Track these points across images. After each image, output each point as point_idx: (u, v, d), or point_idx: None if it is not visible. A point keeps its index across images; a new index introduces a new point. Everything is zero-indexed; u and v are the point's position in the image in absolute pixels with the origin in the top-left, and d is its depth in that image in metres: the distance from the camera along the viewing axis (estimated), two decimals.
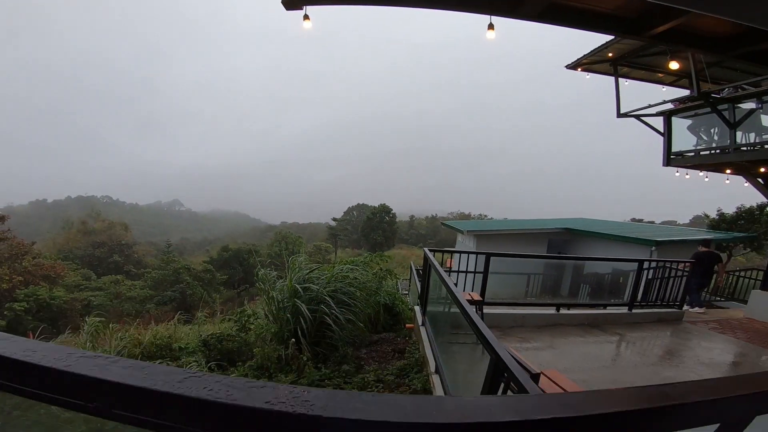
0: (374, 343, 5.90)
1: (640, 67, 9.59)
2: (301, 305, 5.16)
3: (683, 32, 3.17)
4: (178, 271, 31.11)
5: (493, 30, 3.05)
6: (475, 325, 2.36)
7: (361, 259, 7.66)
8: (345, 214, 75.56)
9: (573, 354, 5.32)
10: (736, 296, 12.88)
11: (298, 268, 5.99)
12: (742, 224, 19.20)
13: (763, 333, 6.69)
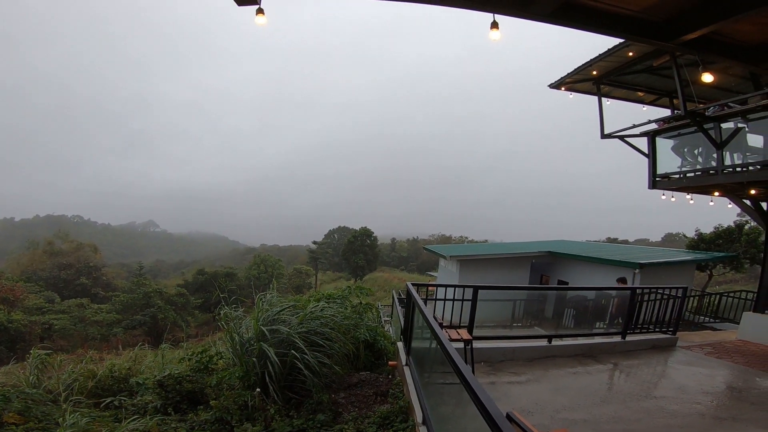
0: (354, 386, 5.31)
1: (622, 86, 9.60)
2: (268, 349, 4.61)
3: (716, 40, 2.89)
4: (149, 295, 30.35)
5: (497, 29, 2.70)
6: (479, 399, 1.84)
7: (339, 293, 7.12)
8: (326, 237, 74.73)
9: (570, 389, 4.99)
10: (719, 315, 12.87)
11: (267, 306, 5.41)
12: (720, 244, 19.52)
13: (759, 356, 6.61)
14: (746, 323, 8.00)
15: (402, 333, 5.84)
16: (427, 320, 3.75)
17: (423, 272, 55.67)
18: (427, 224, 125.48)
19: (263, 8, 2.97)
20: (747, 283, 26.03)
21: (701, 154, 8.41)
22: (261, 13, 2.88)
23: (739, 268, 19.54)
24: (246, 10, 3.06)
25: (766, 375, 5.65)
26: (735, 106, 7.47)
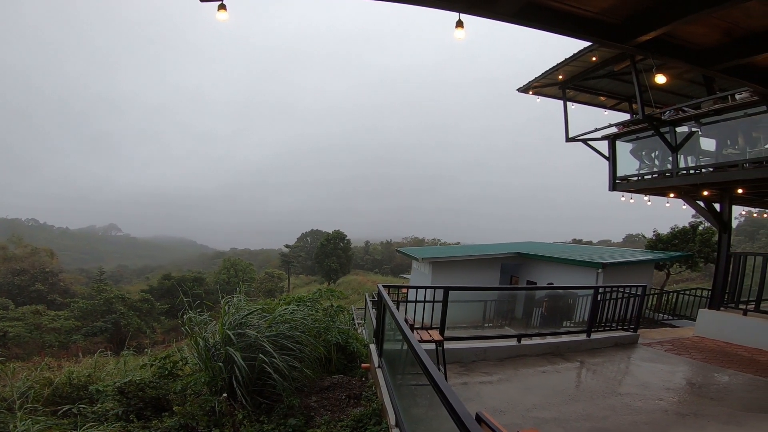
0: (326, 389, 5.23)
1: (585, 90, 9.94)
2: (235, 354, 4.48)
3: (667, 42, 3.00)
4: (111, 301, 29.21)
5: (462, 28, 2.70)
6: (447, 401, 1.82)
7: (309, 296, 6.99)
8: (298, 241, 73.68)
9: (540, 388, 5.07)
10: (677, 312, 13.51)
11: (234, 309, 5.25)
12: (677, 244, 20.53)
13: (716, 351, 6.85)
14: (702, 320, 8.30)
15: (374, 335, 5.80)
16: (397, 322, 3.72)
17: (397, 275, 55.82)
18: (400, 227, 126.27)
19: (226, 5, 2.84)
20: (702, 282, 27.52)
21: (658, 157, 8.79)
22: (223, 9, 2.75)
23: (694, 267, 20.60)
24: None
25: (723, 370, 5.88)
26: (689, 111, 7.84)
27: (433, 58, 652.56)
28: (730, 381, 5.47)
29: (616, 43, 2.96)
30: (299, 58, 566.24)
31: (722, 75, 3.37)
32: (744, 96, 6.77)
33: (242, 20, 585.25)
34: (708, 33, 2.95)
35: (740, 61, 3.15)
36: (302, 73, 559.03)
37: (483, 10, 2.55)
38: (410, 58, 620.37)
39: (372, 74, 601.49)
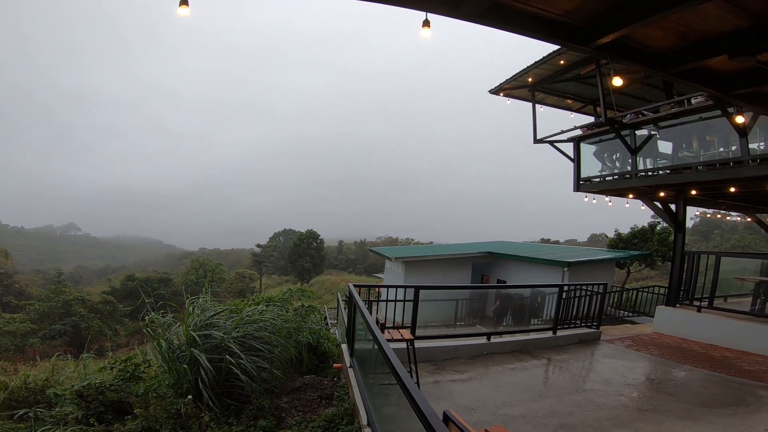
0: (297, 390, 5.17)
1: (553, 93, 10.23)
2: (200, 355, 4.38)
3: (626, 45, 3.08)
4: (69, 303, 27.98)
5: (428, 28, 2.69)
6: (414, 400, 1.81)
7: (279, 296, 6.88)
8: (271, 240, 72.38)
9: (510, 385, 5.16)
10: (637, 309, 14.11)
11: (200, 310, 5.11)
12: (636, 243, 21.48)
13: (673, 347, 7.13)
14: (660, 317, 8.55)
15: (346, 335, 5.78)
16: (366, 321, 3.71)
17: (371, 274, 55.79)
18: (375, 227, 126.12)
19: (188, 1, 2.70)
20: (660, 279, 28.90)
21: (618, 159, 9.13)
22: (185, 4, 2.62)
23: (652, 265, 21.63)
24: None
25: (680, 366, 6.12)
26: (648, 114, 8.19)
27: (413, 60, 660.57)
28: (686, 376, 5.70)
29: (578, 45, 3.02)
30: (277, 57, 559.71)
31: (677, 78, 3.51)
32: (699, 100, 7.12)
33: (218, 18, 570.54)
34: (664, 36, 3.04)
35: (695, 64, 3.28)
36: (279, 73, 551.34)
37: (449, 10, 2.55)
38: (390, 60, 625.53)
39: (351, 75, 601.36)
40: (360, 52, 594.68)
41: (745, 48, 2.89)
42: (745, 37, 2.85)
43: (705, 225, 58.03)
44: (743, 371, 5.80)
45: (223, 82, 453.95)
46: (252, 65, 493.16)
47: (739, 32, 2.86)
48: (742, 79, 3.60)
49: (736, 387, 5.20)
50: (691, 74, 3.51)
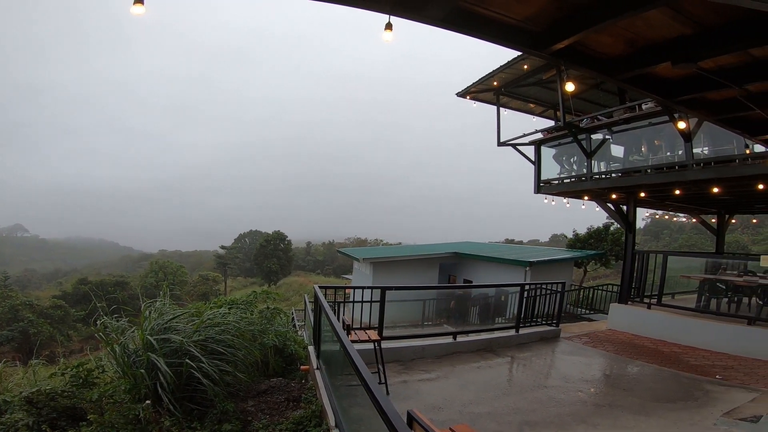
0: (263, 393, 5.10)
1: (517, 97, 10.56)
2: (158, 360, 4.27)
3: (580, 51, 3.20)
4: (16, 308, 26.74)
5: (391, 30, 2.71)
6: (376, 400, 1.83)
7: (243, 299, 6.74)
8: (236, 242, 70.51)
9: (475, 383, 5.27)
10: (594, 306, 14.78)
11: (158, 314, 4.94)
12: (592, 243, 22.54)
13: (626, 343, 7.43)
14: (613, 314, 8.82)
15: (312, 337, 5.74)
16: (330, 323, 3.70)
17: (339, 275, 55.49)
18: (344, 228, 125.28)
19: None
20: (615, 278, 30.42)
21: (575, 162, 9.49)
22: (139, 2, 2.48)
23: (607, 264, 22.76)
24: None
25: (633, 362, 6.40)
26: (603, 119, 8.59)
27: (383, 62, 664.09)
28: (639, 372, 5.97)
29: (535, 51, 3.09)
30: (246, 57, 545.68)
31: (626, 84, 3.68)
32: (649, 106, 7.47)
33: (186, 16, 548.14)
34: (614, 43, 3.15)
35: (642, 71, 3.42)
36: (248, 73, 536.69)
37: (411, 13, 2.57)
38: (362, 62, 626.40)
39: (321, 77, 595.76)
40: (331, 54, 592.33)
41: (687, 55, 3.02)
42: (688, 45, 2.99)
43: (655, 226, 61.69)
44: (690, 366, 6.08)
45: (188, 81, 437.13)
46: (220, 65, 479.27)
47: (683, 39, 2.98)
48: (685, 85, 3.77)
49: (685, 382, 5.42)
50: (638, 80, 3.65)
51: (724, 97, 3.93)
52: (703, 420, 4.14)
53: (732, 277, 7.83)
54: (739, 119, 4.39)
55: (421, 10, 2.56)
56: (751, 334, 6.59)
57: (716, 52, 3.02)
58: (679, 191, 8.57)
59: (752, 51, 3.00)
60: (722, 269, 8.67)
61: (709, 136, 7.17)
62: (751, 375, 5.61)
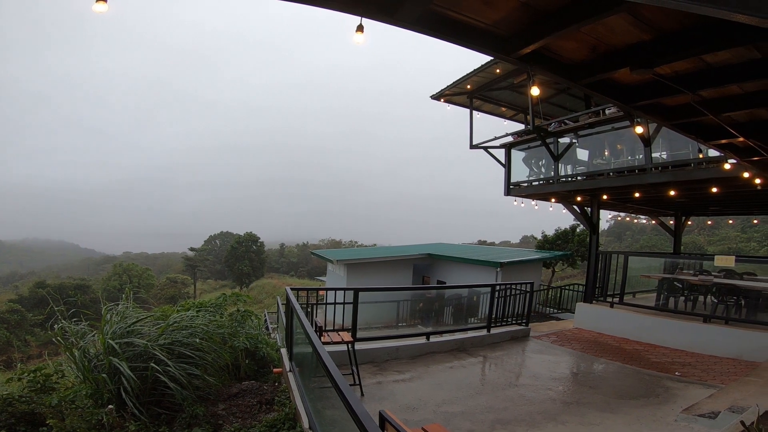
0: (235, 396, 5.01)
1: (489, 101, 10.78)
2: (120, 364, 4.16)
3: (545, 56, 3.28)
4: None
5: (362, 33, 2.71)
6: (347, 401, 1.83)
7: (212, 301, 6.59)
8: (206, 243, 68.57)
9: (449, 383, 5.31)
10: (561, 306, 15.26)
11: (120, 317, 4.78)
12: (559, 244, 23.26)
13: (591, 342, 7.64)
14: (579, 313, 8.99)
15: (285, 339, 5.67)
16: (302, 324, 3.68)
17: (313, 277, 54.85)
18: (318, 229, 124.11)
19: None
20: (581, 278, 31.42)
21: (544, 165, 9.76)
22: (102, 0, 2.38)
23: (574, 264, 23.54)
24: None
25: (598, 360, 6.58)
26: (570, 123, 8.88)
27: (360, 62, 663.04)
28: (603, 369, 6.16)
29: (503, 55, 3.14)
30: (219, 54, 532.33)
31: (588, 89, 3.77)
32: (612, 111, 7.77)
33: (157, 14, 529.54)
34: (578, 48, 3.23)
35: (603, 76, 3.53)
36: (220, 70, 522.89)
37: (384, 16, 2.57)
38: (338, 62, 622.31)
39: (297, 75, 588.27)
40: (308, 58, 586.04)
41: (645, 61, 3.13)
42: (646, 51, 3.09)
43: (618, 227, 64.30)
44: (651, 363, 6.26)
45: (159, 81, 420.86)
46: (191, 61, 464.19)
47: (642, 45, 3.08)
48: (643, 91, 3.92)
49: (647, 379, 5.59)
50: (600, 85, 3.76)
51: (679, 103, 4.09)
52: (665, 416, 4.27)
53: (688, 277, 8.18)
54: (693, 124, 4.58)
55: (393, 13, 2.57)
56: (706, 332, 6.85)
57: (672, 58, 3.14)
58: (639, 194, 8.92)
59: (705, 57, 3.14)
60: (679, 269, 9.04)
61: (667, 140, 7.50)
62: (708, 371, 5.83)
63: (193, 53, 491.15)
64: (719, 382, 5.39)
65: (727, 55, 3.09)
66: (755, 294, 7.15)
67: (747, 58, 3.09)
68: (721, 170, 6.36)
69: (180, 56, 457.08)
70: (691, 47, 2.95)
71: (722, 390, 4.81)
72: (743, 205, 11.29)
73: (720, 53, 3.03)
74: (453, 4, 2.68)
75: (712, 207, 12.01)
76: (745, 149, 5.09)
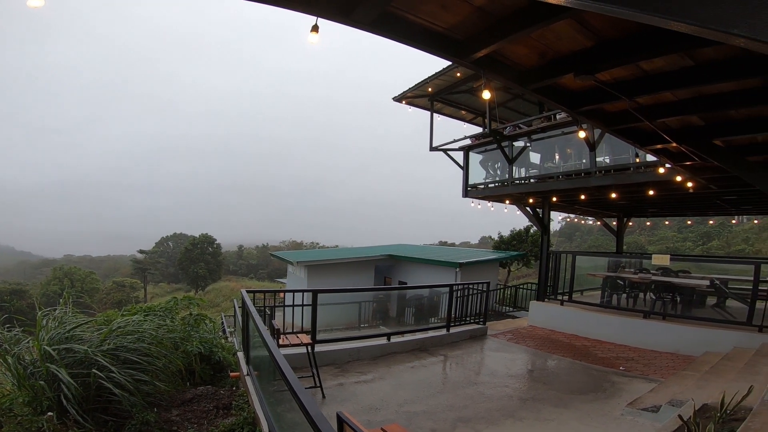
0: (189, 402, 4.86)
1: (450, 104, 11.00)
2: (59, 371, 3.99)
3: (498, 60, 3.38)
4: None
5: (317, 33, 2.69)
6: (303, 405, 1.82)
7: (161, 305, 6.30)
8: (157, 246, 65.24)
9: (411, 383, 5.33)
10: (517, 304, 15.80)
11: (57, 323, 4.52)
12: (515, 244, 24.17)
13: (544, 339, 7.86)
14: (532, 311, 9.19)
15: (242, 343, 5.54)
16: (257, 327, 3.61)
17: (273, 279, 53.56)
18: (279, 232, 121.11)
19: None
20: (536, 277, 32.72)
21: (499, 168, 10.07)
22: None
23: (528, 264, 24.52)
24: None
25: (551, 356, 6.78)
26: (524, 127, 9.19)
27: (325, 63, 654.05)
28: (556, 366, 6.38)
29: (457, 58, 3.19)
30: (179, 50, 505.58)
31: (538, 94, 3.90)
32: (563, 116, 8.08)
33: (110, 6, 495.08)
34: (528, 54, 3.34)
35: (550, 81, 3.67)
36: (180, 66, 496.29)
37: (339, 17, 2.56)
38: (303, 60, 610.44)
39: (261, 74, 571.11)
40: (272, 53, 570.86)
41: (587, 67, 3.28)
42: (589, 57, 3.24)
43: (569, 228, 67.77)
44: (599, 359, 6.48)
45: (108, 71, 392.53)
46: (147, 58, 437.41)
47: (585, 52, 3.22)
48: (586, 96, 4.11)
49: (595, 374, 5.78)
50: (548, 90, 3.91)
51: (619, 109, 4.33)
52: (612, 410, 4.47)
53: (629, 275, 8.62)
54: (632, 130, 4.87)
55: (349, 14, 2.55)
56: (646, 327, 7.16)
57: (612, 65, 3.31)
58: (585, 196, 9.37)
59: (642, 65, 3.34)
60: (621, 268, 9.50)
61: (610, 145, 7.92)
62: (649, 366, 6.09)
63: (150, 51, 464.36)
64: (659, 376, 5.60)
65: (661, 63, 3.29)
66: (689, 291, 7.59)
67: (680, 66, 3.30)
68: (656, 174, 6.77)
69: (136, 54, 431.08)
70: (629, 54, 3.11)
71: (662, 384, 5.05)
72: (678, 206, 12.08)
73: (656, 60, 3.22)
74: (411, 6, 2.70)
75: (650, 209, 12.80)
76: (679, 154, 5.47)
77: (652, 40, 2.89)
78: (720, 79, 3.25)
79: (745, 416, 3.13)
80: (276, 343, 4.63)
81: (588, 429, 4.06)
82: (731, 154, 4.76)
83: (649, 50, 3.00)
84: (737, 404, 3.29)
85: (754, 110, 3.88)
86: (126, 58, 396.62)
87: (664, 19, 1.22)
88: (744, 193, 8.37)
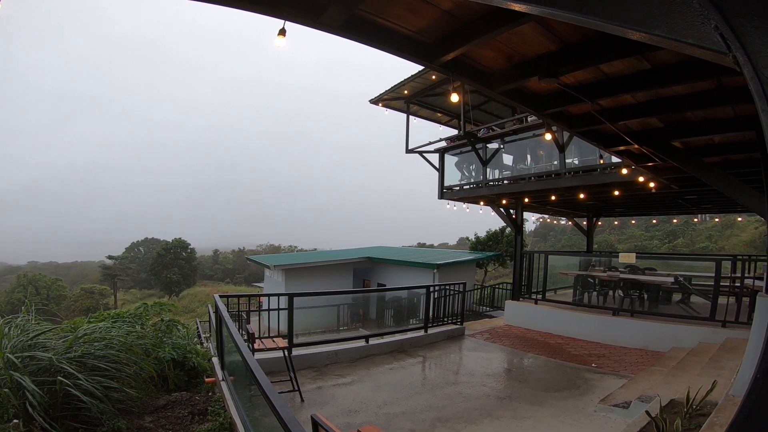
0: (163, 408, 4.76)
1: (426, 106, 11.11)
2: (22, 378, 3.94)
3: (467, 63, 3.45)
4: None
5: (284, 36, 2.69)
6: (274, 408, 1.83)
7: (130, 312, 6.14)
8: (127, 251, 63.07)
9: (389, 384, 5.35)
10: (494, 304, 16.04)
11: (19, 330, 4.43)
12: (491, 245, 24.58)
13: (520, 337, 7.99)
14: (508, 310, 9.27)
15: (217, 348, 5.48)
16: (229, 331, 3.57)
17: (250, 284, 52.62)
18: (256, 235, 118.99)
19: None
20: (510, 277, 33.43)
21: (474, 170, 10.22)
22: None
23: (504, 264, 24.98)
24: None
25: (526, 355, 6.79)
26: (497, 130, 9.36)
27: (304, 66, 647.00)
28: (531, 364, 6.49)
29: (426, 62, 3.24)
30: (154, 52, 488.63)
31: (505, 97, 3.97)
32: (533, 119, 8.26)
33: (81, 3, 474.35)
34: (496, 57, 3.41)
35: (516, 84, 3.75)
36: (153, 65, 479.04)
37: (308, 20, 2.56)
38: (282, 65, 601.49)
39: (238, 77, 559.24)
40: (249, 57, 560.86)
41: (551, 71, 3.36)
42: (553, 61, 3.32)
43: (543, 228, 69.44)
44: (572, 356, 6.61)
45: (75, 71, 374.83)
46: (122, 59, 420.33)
47: (550, 55, 3.31)
48: (552, 99, 4.22)
49: (568, 371, 5.89)
50: (515, 93, 4.00)
51: (583, 111, 4.47)
52: (585, 407, 4.59)
53: (599, 273, 8.89)
54: (595, 132, 5.03)
55: (317, 17, 2.56)
56: (616, 324, 7.32)
57: (574, 68, 3.41)
58: (555, 197, 9.58)
59: (603, 67, 3.46)
60: (592, 266, 9.75)
61: (578, 147, 8.15)
62: (620, 362, 6.24)
63: (124, 46, 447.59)
64: (629, 372, 5.75)
65: (621, 66, 3.43)
66: (655, 288, 7.85)
67: (637, 69, 3.44)
68: (620, 175, 7.01)
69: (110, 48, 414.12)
70: (590, 58, 3.21)
71: (632, 380, 5.21)
72: (642, 206, 12.52)
73: (615, 63, 3.35)
74: (379, 10, 2.73)
75: (617, 209, 13.23)
76: (640, 155, 5.69)
77: (610, 43, 2.99)
78: (675, 81, 3.39)
79: (710, 411, 3.22)
80: (251, 347, 4.59)
81: (563, 426, 4.15)
82: (689, 156, 4.96)
83: (608, 53, 3.10)
84: (702, 399, 3.40)
85: (709, 112, 4.07)
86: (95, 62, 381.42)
87: (599, 23, 1.25)
88: (704, 193, 8.73)
